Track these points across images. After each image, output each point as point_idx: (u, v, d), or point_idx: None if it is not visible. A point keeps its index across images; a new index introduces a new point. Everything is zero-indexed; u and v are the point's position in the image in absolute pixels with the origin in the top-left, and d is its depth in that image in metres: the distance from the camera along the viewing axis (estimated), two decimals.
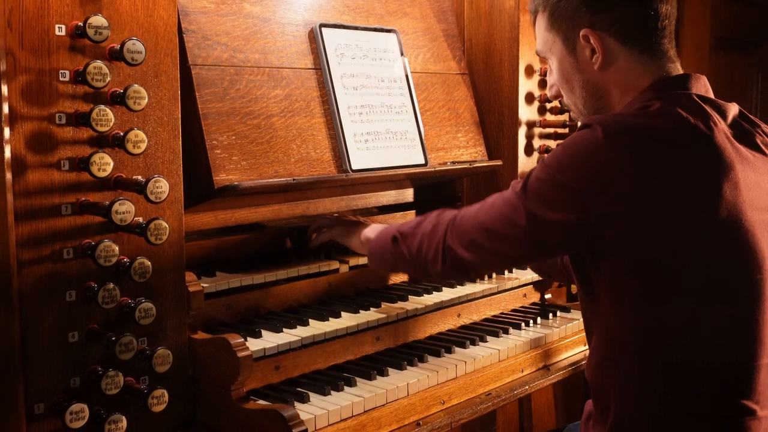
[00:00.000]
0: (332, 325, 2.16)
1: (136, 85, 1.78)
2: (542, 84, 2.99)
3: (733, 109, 1.82)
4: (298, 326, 2.13)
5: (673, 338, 1.70)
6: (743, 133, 1.78)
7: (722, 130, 1.73)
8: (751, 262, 1.69)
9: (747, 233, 1.68)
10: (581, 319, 2.62)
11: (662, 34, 1.86)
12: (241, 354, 1.85)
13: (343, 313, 2.24)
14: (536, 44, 2.03)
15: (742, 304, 1.70)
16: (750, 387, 1.71)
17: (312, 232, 2.49)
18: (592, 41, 1.85)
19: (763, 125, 1.87)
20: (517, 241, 1.82)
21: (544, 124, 2.99)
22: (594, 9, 1.84)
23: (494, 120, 2.98)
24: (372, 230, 2.29)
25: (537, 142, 2.98)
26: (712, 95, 1.85)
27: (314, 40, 2.45)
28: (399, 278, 2.62)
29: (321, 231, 2.46)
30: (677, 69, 1.89)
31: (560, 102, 2.03)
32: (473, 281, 2.66)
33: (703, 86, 1.84)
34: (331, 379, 2.06)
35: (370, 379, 2.08)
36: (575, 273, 1.90)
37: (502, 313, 2.70)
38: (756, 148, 1.77)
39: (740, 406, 1.70)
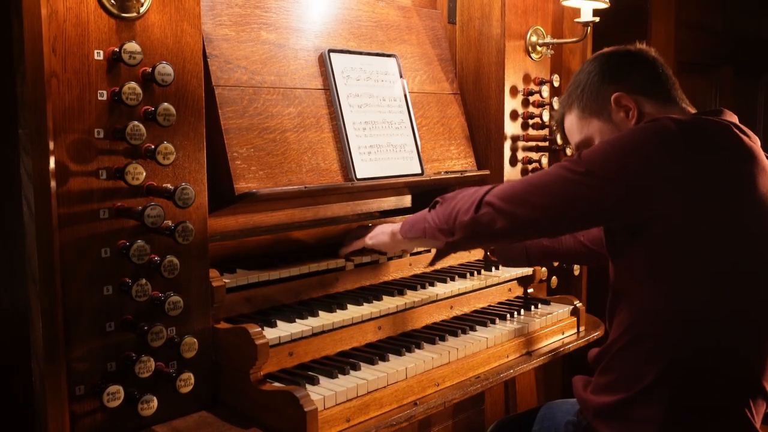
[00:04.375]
0: (339, 316, 2.16)
1: (165, 103, 1.78)
2: (525, 103, 2.99)
3: (758, 140, 1.84)
4: (309, 317, 2.13)
5: (698, 317, 1.69)
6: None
7: (758, 148, 1.75)
8: None
9: None
10: (559, 311, 2.64)
11: (673, 86, 1.94)
12: (258, 342, 1.85)
13: (348, 306, 2.24)
14: (573, 140, 2.04)
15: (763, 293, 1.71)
16: (763, 367, 1.72)
17: (345, 244, 2.43)
18: (623, 102, 1.90)
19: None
20: (567, 197, 1.74)
21: (527, 138, 2.99)
22: (614, 80, 1.92)
23: (483, 134, 2.98)
24: (402, 220, 2.23)
25: (520, 154, 2.98)
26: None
27: (323, 63, 2.45)
28: (398, 274, 2.62)
29: (352, 242, 2.41)
30: (693, 111, 1.93)
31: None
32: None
33: (732, 117, 1.84)
34: (338, 364, 2.05)
35: (373, 364, 2.08)
36: (610, 250, 1.87)
37: (489, 306, 2.69)
38: None
39: (754, 386, 1.72)
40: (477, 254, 2.90)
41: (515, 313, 2.61)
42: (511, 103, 2.93)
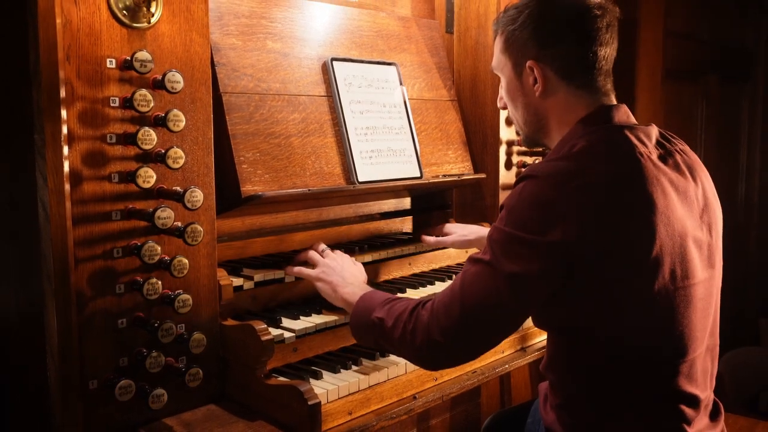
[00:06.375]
0: (341, 313, 2.15)
1: (175, 109, 1.78)
2: None
3: (654, 131, 1.76)
4: (312, 314, 2.13)
5: (624, 341, 1.65)
6: (666, 153, 1.72)
7: (647, 155, 1.66)
8: (683, 271, 1.64)
9: (679, 249, 1.63)
10: None
11: (599, 73, 1.77)
12: (264, 338, 1.84)
13: None
14: (493, 60, 1.93)
15: (680, 308, 1.65)
16: (689, 375, 1.69)
17: (296, 264, 2.23)
18: (535, 72, 1.77)
19: (679, 142, 1.80)
20: (508, 306, 1.63)
21: (522, 143, 2.99)
22: (541, 44, 1.76)
23: (479, 139, 2.98)
24: (350, 293, 2.01)
25: (515, 158, 2.98)
26: (633, 120, 1.78)
27: (326, 71, 2.45)
28: (398, 273, 2.62)
29: (301, 270, 2.18)
30: (611, 101, 1.80)
31: (508, 114, 1.93)
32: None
33: (624, 114, 1.77)
34: (341, 360, 2.05)
35: (374, 359, 2.08)
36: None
37: None
38: (677, 168, 1.71)
39: (681, 391, 1.68)
40: None
41: None
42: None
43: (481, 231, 2.63)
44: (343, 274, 2.11)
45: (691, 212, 1.70)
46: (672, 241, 1.62)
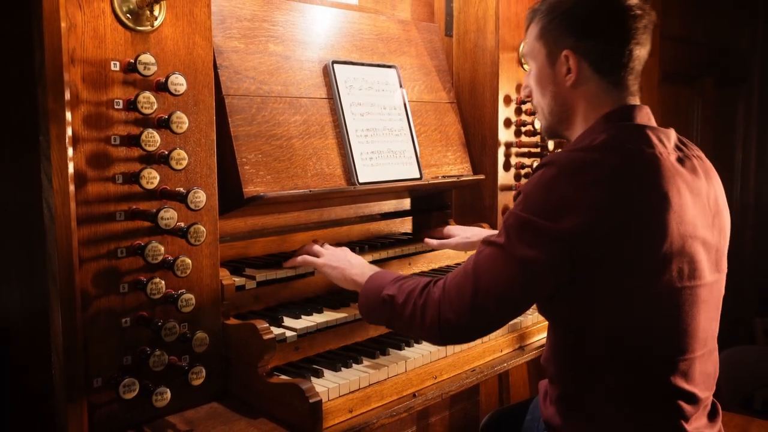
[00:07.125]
0: (343, 312, 2.16)
1: (178, 112, 1.79)
2: (518, 111, 3.00)
3: (673, 135, 1.77)
4: (314, 313, 2.13)
5: (626, 336, 1.65)
6: (683, 156, 1.73)
7: (666, 155, 1.67)
8: (691, 271, 1.65)
9: (689, 249, 1.63)
10: None
11: (630, 71, 1.77)
12: (266, 337, 1.85)
13: (351, 303, 2.24)
14: (524, 47, 1.93)
15: (684, 307, 1.66)
16: (688, 374, 1.69)
17: (299, 254, 2.24)
18: (570, 62, 1.77)
19: (695, 148, 1.81)
20: (518, 289, 1.65)
21: (520, 145, 3.00)
22: (577, 35, 1.76)
23: (478, 141, 2.98)
24: (359, 273, 2.04)
25: (513, 160, 2.99)
26: (654, 122, 1.79)
27: (327, 74, 2.45)
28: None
29: (305, 260, 2.20)
30: (636, 102, 1.81)
31: (531, 103, 1.94)
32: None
33: (645, 115, 1.78)
34: (341, 358, 2.05)
35: (374, 358, 2.08)
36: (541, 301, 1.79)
37: None
38: (694, 171, 1.72)
39: (680, 389, 1.68)
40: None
41: None
42: (504, 112, 2.93)
43: (484, 233, 2.63)
44: (348, 259, 2.15)
45: (704, 215, 1.70)
46: (682, 240, 1.63)
